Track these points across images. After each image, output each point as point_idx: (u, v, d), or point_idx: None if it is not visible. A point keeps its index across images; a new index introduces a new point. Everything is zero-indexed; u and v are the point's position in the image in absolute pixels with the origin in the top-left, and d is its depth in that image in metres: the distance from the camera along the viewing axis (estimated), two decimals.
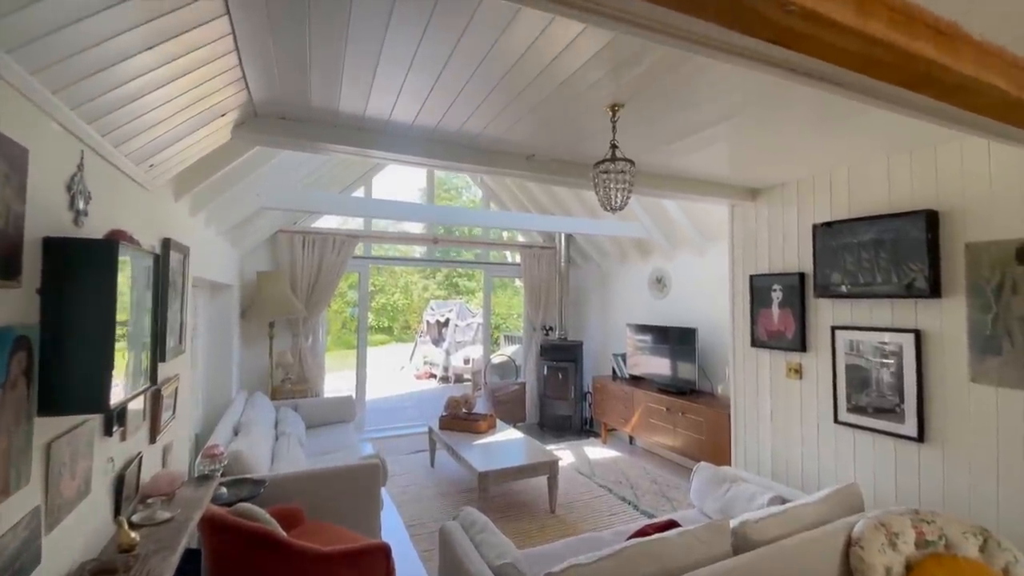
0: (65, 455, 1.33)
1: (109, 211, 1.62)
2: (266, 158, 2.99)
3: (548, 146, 2.55)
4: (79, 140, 1.41)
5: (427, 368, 12.25)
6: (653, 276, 5.76)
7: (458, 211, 7.17)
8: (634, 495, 4.46)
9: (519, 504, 4.24)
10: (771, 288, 3.36)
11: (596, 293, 6.90)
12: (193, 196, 2.83)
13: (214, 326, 4.89)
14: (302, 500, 3.10)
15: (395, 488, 4.63)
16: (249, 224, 4.70)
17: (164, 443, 2.40)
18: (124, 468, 1.81)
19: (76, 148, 1.41)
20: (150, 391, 2.06)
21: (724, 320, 4.78)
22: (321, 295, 5.89)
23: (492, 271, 7.40)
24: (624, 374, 5.83)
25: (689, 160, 2.87)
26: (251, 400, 4.84)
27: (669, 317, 5.46)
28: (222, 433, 3.76)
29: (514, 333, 12.33)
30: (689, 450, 4.64)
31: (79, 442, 1.41)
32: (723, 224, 4.57)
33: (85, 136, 1.42)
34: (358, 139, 2.33)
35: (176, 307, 2.53)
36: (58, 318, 1.23)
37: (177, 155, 1.95)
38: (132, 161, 1.73)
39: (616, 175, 1.85)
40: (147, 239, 1.99)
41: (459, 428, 4.92)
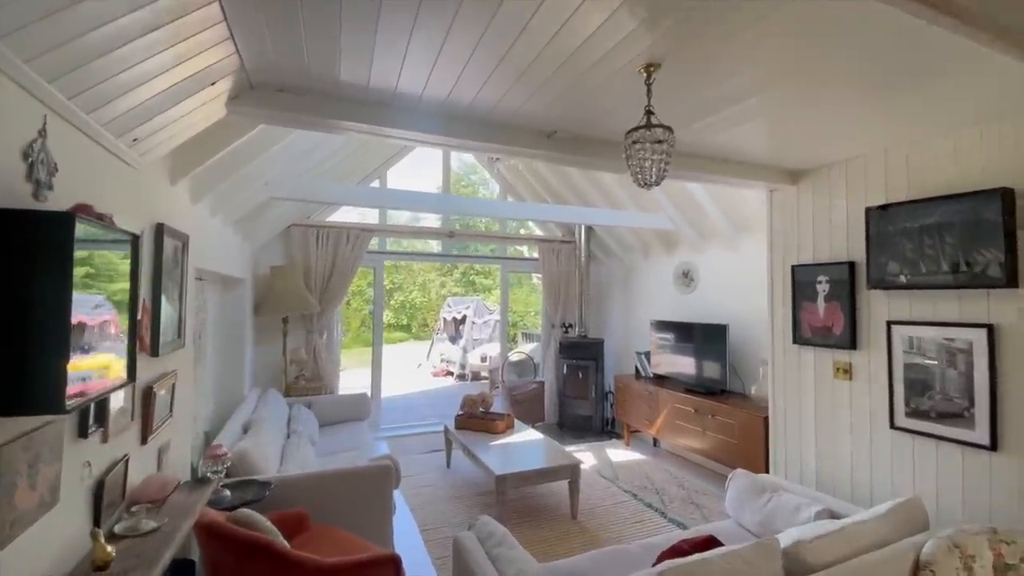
0: (20, 462, 1.16)
1: (81, 187, 1.44)
2: (271, 140, 2.82)
3: (571, 120, 2.31)
4: (39, 101, 1.23)
5: (444, 366, 12.10)
6: (679, 270, 5.47)
7: (475, 202, 6.96)
8: (661, 501, 4.20)
9: (538, 509, 4.02)
10: (816, 280, 3.07)
11: (618, 289, 6.63)
12: (192, 181, 2.67)
13: (226, 321, 4.77)
14: (310, 503, 2.93)
15: (409, 489, 4.46)
16: (259, 216, 4.56)
17: (159, 444, 2.24)
18: (105, 473, 1.65)
19: (36, 111, 1.23)
20: (135, 388, 1.89)
21: (757, 316, 4.49)
22: (335, 290, 5.75)
23: (509, 266, 7.19)
24: (648, 373, 5.56)
25: (724, 138, 2.61)
26: (264, 397, 4.72)
27: (696, 313, 5.17)
28: (231, 431, 3.62)
29: (532, 330, 12.10)
30: (719, 454, 4.36)
31: (40, 446, 1.24)
32: (757, 214, 4.28)
33: (46, 97, 1.24)
34: (364, 114, 2.13)
35: (173, 299, 2.37)
36: (5, 303, 1.05)
37: (165, 129, 1.78)
38: (111, 133, 1.56)
39: (652, 144, 1.61)
40: (134, 222, 1.82)
41: (476, 428, 4.72)
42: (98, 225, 1.27)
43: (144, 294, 2.01)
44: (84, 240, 1.20)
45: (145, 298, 2.02)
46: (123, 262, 1.44)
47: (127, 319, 1.45)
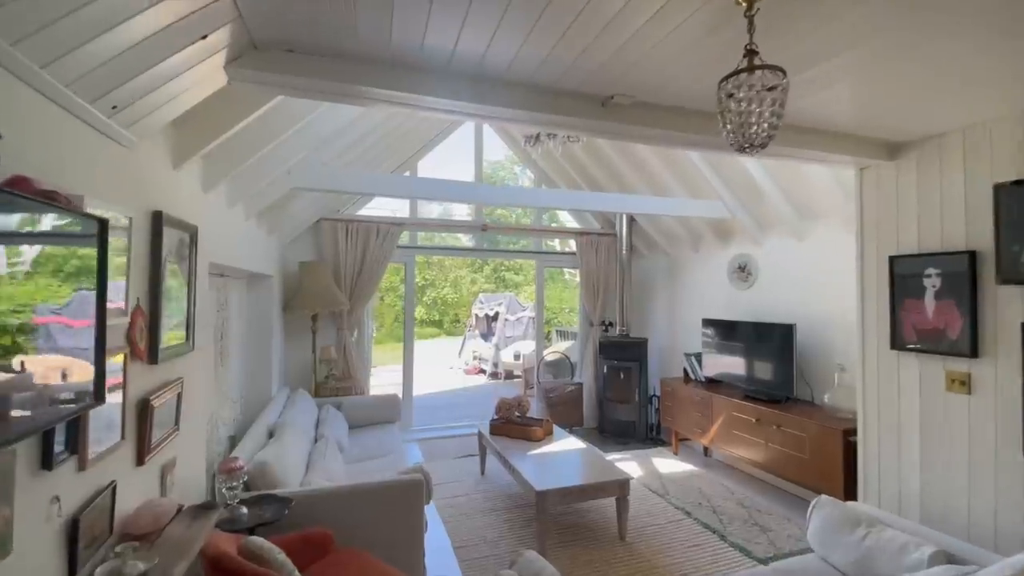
0: None
1: (36, 160, 1.15)
2: (288, 120, 2.53)
3: (634, 81, 1.92)
4: None
5: (476, 363, 11.83)
6: (735, 264, 4.97)
7: (510, 190, 6.61)
8: (719, 521, 3.76)
9: (582, 527, 3.65)
10: (923, 273, 2.58)
11: (663, 285, 6.16)
12: (202, 166, 2.41)
13: (252, 320, 4.59)
14: (334, 520, 2.65)
15: (442, 499, 4.16)
16: (284, 209, 4.34)
17: (162, 463, 1.98)
18: (83, 507, 1.37)
19: None
20: (125, 403, 1.62)
21: (830, 315, 3.98)
22: (365, 287, 5.52)
23: (544, 260, 6.82)
24: (699, 376, 5.09)
25: (809, 103, 2.16)
26: (292, 398, 4.52)
27: (755, 312, 4.67)
28: (255, 437, 3.40)
29: (567, 328, 11.68)
30: (785, 470, 3.88)
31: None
32: (828, 198, 3.77)
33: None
34: (387, 78, 1.80)
35: (178, 298, 2.11)
36: None
37: (151, 96, 1.49)
38: (81, 97, 1.27)
39: (759, 92, 1.22)
40: (120, 208, 1.54)
41: (512, 435, 4.38)
42: (32, 202, 0.98)
43: (138, 293, 1.74)
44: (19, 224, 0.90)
45: (139, 297, 1.75)
46: (89, 252, 1.15)
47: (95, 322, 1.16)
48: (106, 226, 1.21)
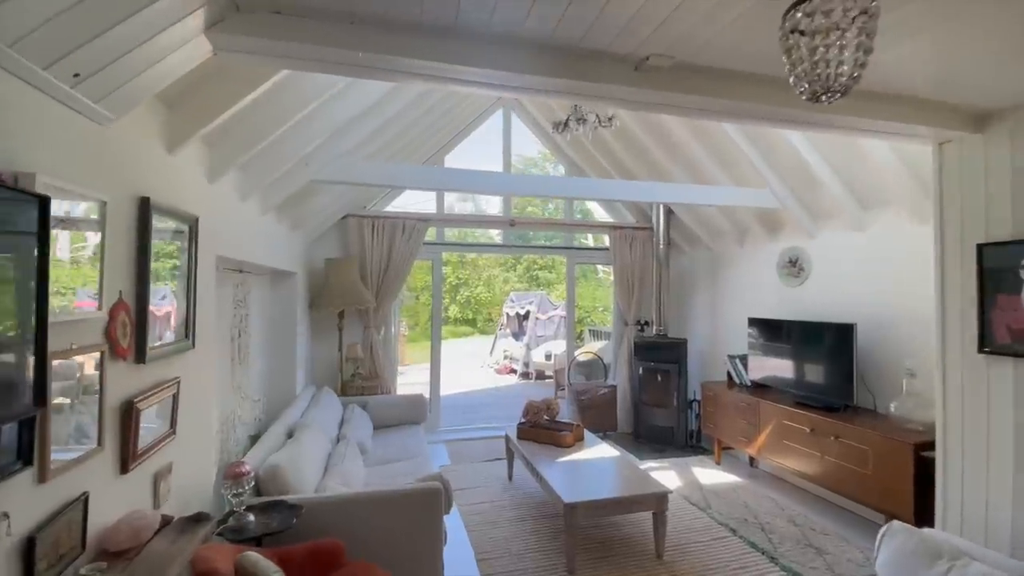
0: None
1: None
2: (298, 101, 2.36)
3: (673, 37, 1.64)
4: None
5: (507, 363, 11.63)
6: (785, 258, 4.55)
7: (538, 179, 6.35)
8: (769, 541, 3.40)
9: (614, 541, 3.38)
10: (1019, 264, 2.18)
11: (704, 282, 5.76)
12: (204, 153, 2.28)
13: (276, 317, 4.52)
14: (347, 530, 2.49)
15: (466, 504, 3.96)
16: (304, 204, 4.23)
17: (154, 470, 1.84)
18: (43, 524, 1.22)
19: None
20: (102, 405, 1.47)
21: (897, 313, 3.55)
22: (391, 284, 5.40)
23: (576, 257, 6.53)
24: (744, 380, 4.70)
25: (879, 60, 1.81)
26: (317, 397, 4.43)
27: (808, 311, 4.25)
28: (273, 437, 3.28)
29: (600, 327, 11.33)
30: (843, 485, 3.49)
31: None
32: (896, 182, 3.34)
33: None
34: (410, 45, 1.58)
35: (171, 291, 1.97)
36: None
37: (121, 63, 1.32)
38: (32, 61, 1.11)
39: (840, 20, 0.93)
40: (87, 191, 1.39)
41: (540, 439, 4.14)
42: None
43: (120, 286, 1.60)
44: None
45: (122, 291, 1.61)
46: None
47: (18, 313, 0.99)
48: (46, 205, 1.04)
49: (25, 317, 0.99)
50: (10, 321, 0.97)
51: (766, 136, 3.80)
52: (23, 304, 0.98)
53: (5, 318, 0.95)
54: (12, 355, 0.97)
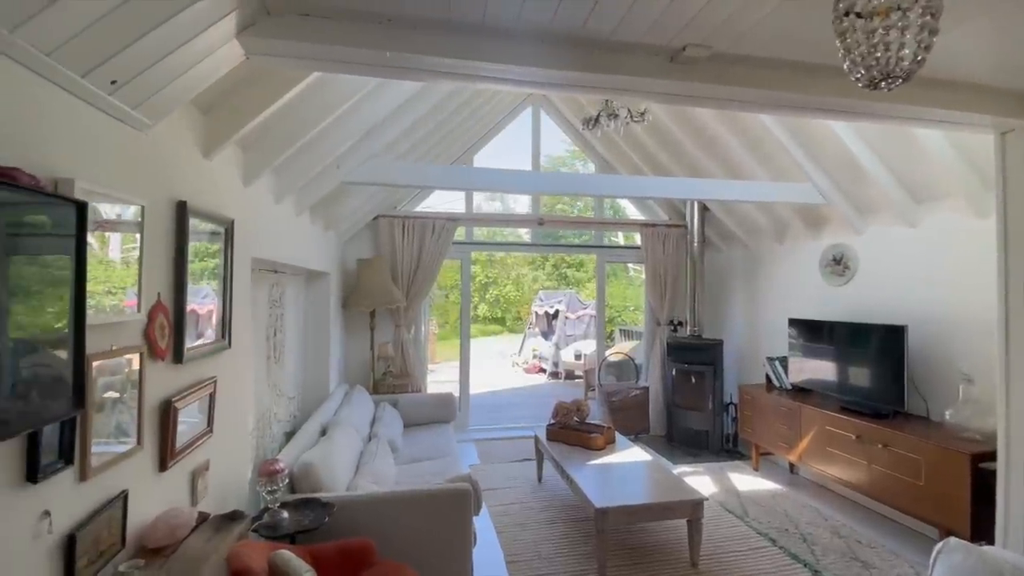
0: None
1: (8, 136, 1.02)
2: (328, 104, 2.38)
3: (715, 24, 1.55)
4: None
5: (536, 362, 11.57)
6: (828, 256, 4.34)
7: (567, 177, 6.28)
8: (810, 552, 3.25)
9: (647, 547, 3.29)
10: None
11: (741, 281, 5.57)
12: (240, 157, 2.32)
13: (310, 316, 4.61)
14: (378, 528, 2.51)
15: (496, 505, 3.94)
16: (337, 204, 4.29)
17: (192, 468, 1.89)
18: (85, 521, 1.26)
19: None
20: (142, 405, 1.50)
21: (954, 315, 3.34)
22: (421, 284, 5.44)
23: (606, 255, 6.43)
24: (784, 384, 4.52)
25: (936, 47, 1.68)
26: (350, 395, 4.50)
27: (854, 311, 4.04)
28: (306, 434, 3.35)
29: (631, 327, 11.14)
30: (892, 496, 3.30)
31: None
32: (952, 175, 3.14)
33: None
34: (439, 44, 1.57)
35: (208, 293, 2.01)
36: None
37: (157, 69, 1.35)
38: (70, 68, 1.14)
39: None
40: (128, 197, 1.42)
41: (570, 441, 4.08)
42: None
43: (159, 288, 1.64)
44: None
45: (160, 293, 1.65)
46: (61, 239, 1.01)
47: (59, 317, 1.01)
48: (85, 209, 1.06)
49: (65, 320, 1.01)
50: (50, 324, 0.99)
51: (807, 128, 3.62)
52: (63, 307, 1.00)
53: (44, 321, 0.98)
54: (52, 357, 1.00)
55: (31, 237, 1.00)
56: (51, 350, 0.99)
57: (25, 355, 0.98)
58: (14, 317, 0.94)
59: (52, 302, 0.99)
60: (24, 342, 0.98)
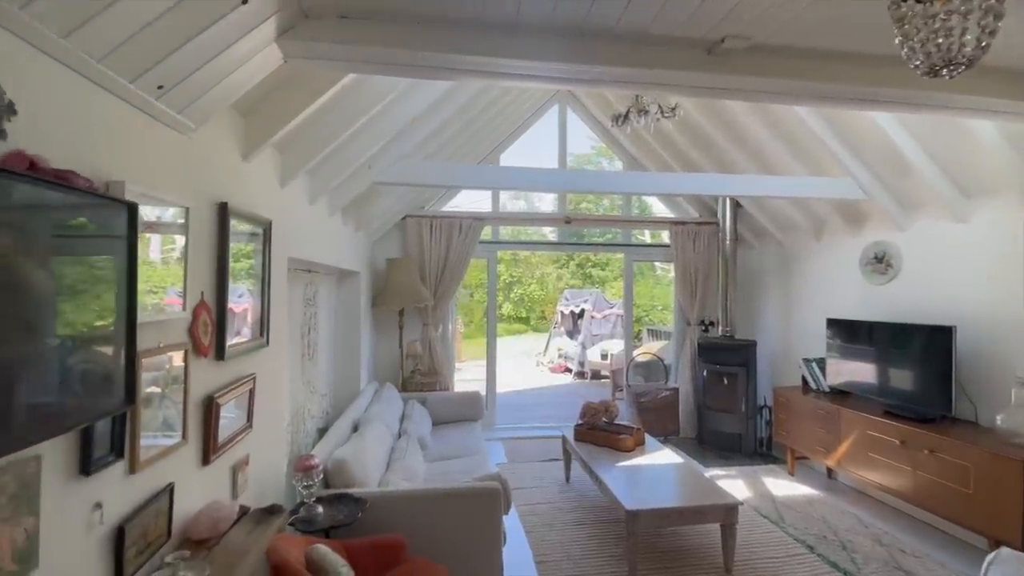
0: None
1: (63, 141, 1.06)
2: (361, 105, 2.41)
3: (756, 15, 1.51)
4: None
5: (561, 361, 11.51)
6: (870, 254, 4.18)
7: (595, 175, 6.21)
8: (851, 561, 3.14)
9: (679, 551, 3.23)
10: None
11: (776, 279, 5.41)
12: (276, 159, 2.37)
13: (342, 315, 4.69)
14: (409, 525, 2.54)
15: (524, 505, 3.94)
16: (368, 205, 4.35)
17: (232, 462, 1.94)
18: (134, 513, 1.30)
19: None
20: (187, 400, 1.55)
21: (1008, 315, 3.20)
22: (448, 283, 5.48)
23: (633, 254, 6.34)
24: (822, 386, 4.38)
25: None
26: (380, 392, 4.57)
27: (897, 311, 3.88)
28: (339, 431, 3.41)
29: (659, 327, 10.98)
30: (937, 504, 3.16)
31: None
32: (1003, 167, 2.99)
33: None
34: (473, 42, 1.57)
35: (252, 292, 2.06)
36: None
37: (201, 74, 1.38)
38: (119, 73, 1.18)
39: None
40: (173, 198, 1.47)
41: (598, 442, 4.04)
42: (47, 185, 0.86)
43: (202, 287, 1.69)
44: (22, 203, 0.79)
45: (204, 292, 1.69)
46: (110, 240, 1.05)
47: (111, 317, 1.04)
48: (135, 211, 1.10)
49: (116, 318, 1.05)
50: (103, 322, 1.03)
51: (846, 119, 3.48)
52: (115, 306, 1.04)
53: (98, 319, 1.01)
54: (105, 355, 1.03)
55: (84, 238, 1.04)
56: (103, 347, 1.03)
57: (79, 352, 1.02)
58: (67, 316, 0.98)
59: (105, 301, 1.03)
60: (77, 339, 1.01)
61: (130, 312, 1.08)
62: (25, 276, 0.88)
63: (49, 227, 0.96)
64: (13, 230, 0.85)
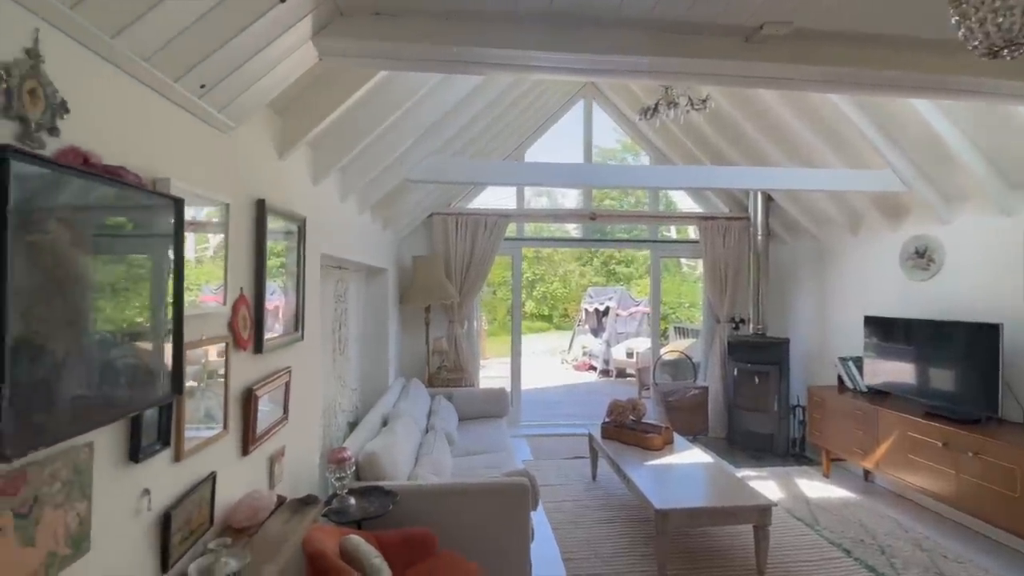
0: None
1: (112, 138, 1.10)
2: (391, 104, 2.43)
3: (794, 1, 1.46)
4: (22, 6, 0.88)
5: (586, 359, 11.44)
6: (911, 248, 4.02)
7: (621, 169, 6.15)
8: (890, 566, 3.04)
9: (709, 552, 3.18)
10: None
11: (810, 275, 5.26)
12: (309, 157, 2.42)
13: (370, 311, 4.76)
14: (438, 518, 2.56)
15: (550, 502, 3.93)
16: (397, 202, 4.39)
17: (269, 453, 1.98)
18: (177, 501, 1.34)
19: (21, 19, 0.88)
20: (228, 393, 1.59)
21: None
22: (474, 280, 5.51)
23: (660, 250, 6.25)
24: (859, 386, 4.24)
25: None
26: (407, 388, 4.62)
27: (939, 308, 3.72)
28: (369, 424, 3.47)
29: (686, 324, 10.80)
30: (982, 508, 3.03)
31: (38, 487, 0.90)
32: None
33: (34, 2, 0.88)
34: (505, 35, 1.56)
35: (287, 288, 2.11)
36: None
37: (240, 73, 1.41)
38: (163, 72, 1.21)
39: None
40: (214, 195, 1.51)
41: (626, 440, 4.00)
42: (99, 180, 0.89)
43: (241, 282, 1.73)
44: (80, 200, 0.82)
45: (243, 287, 1.74)
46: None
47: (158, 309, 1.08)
48: (181, 206, 1.13)
49: (162, 312, 1.08)
50: (151, 315, 1.06)
51: (886, 108, 3.34)
52: (163, 299, 1.08)
53: (146, 312, 1.05)
54: (153, 347, 1.07)
55: (131, 235, 1.08)
56: (151, 339, 1.07)
57: (127, 343, 1.05)
58: (116, 308, 1.01)
59: (154, 294, 1.06)
60: (125, 331, 1.05)
61: (176, 305, 1.12)
62: (78, 269, 0.92)
63: (101, 222, 0.99)
64: (68, 224, 0.88)
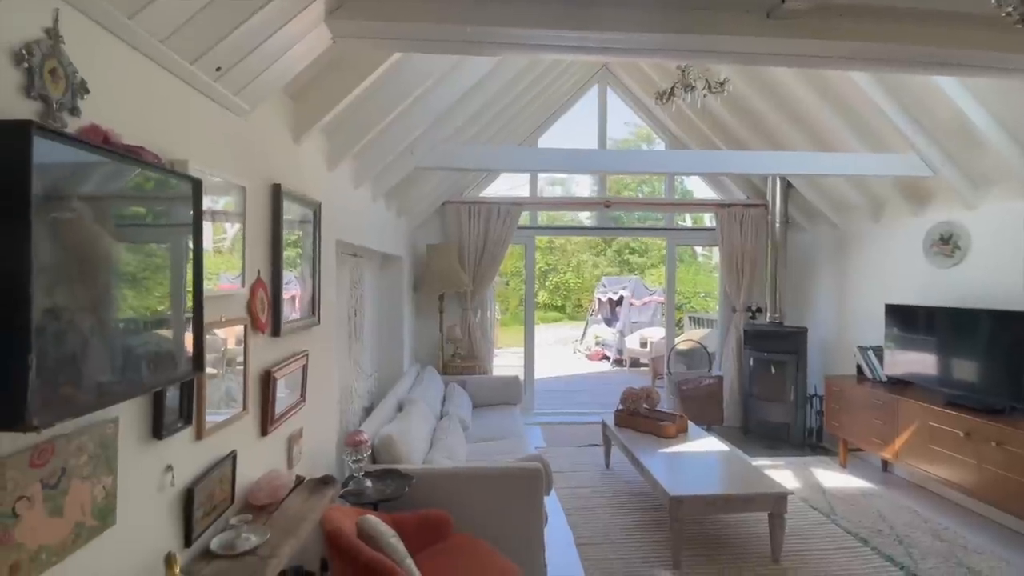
0: (24, 484, 0.84)
1: (130, 118, 1.11)
2: (404, 89, 2.42)
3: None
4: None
5: (599, 349, 11.42)
6: (935, 235, 3.91)
7: (637, 154, 6.06)
8: (908, 556, 3.00)
9: (724, 539, 3.17)
10: None
11: (829, 263, 5.16)
12: (324, 142, 2.42)
13: (385, 298, 4.80)
14: (453, 502, 2.58)
15: (563, 489, 3.94)
16: (410, 190, 4.40)
17: (288, 433, 2.02)
18: (199, 478, 1.38)
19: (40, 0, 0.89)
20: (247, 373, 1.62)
21: None
22: (487, 269, 5.51)
23: (676, 238, 6.18)
24: (878, 375, 4.16)
25: None
26: (421, 374, 4.67)
27: (965, 296, 3.62)
28: (385, 409, 3.51)
29: (700, 314, 10.70)
30: (1004, 499, 2.98)
31: (66, 459, 0.93)
32: None
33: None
34: (520, 14, 1.53)
35: (304, 273, 2.13)
36: None
37: (255, 55, 1.41)
38: (179, 54, 1.22)
39: None
40: (231, 178, 1.52)
41: (639, 428, 4.00)
42: (119, 158, 0.90)
43: (258, 266, 1.75)
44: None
45: (260, 270, 1.76)
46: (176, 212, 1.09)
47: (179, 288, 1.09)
48: (199, 187, 1.14)
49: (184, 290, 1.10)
50: (172, 295, 1.08)
51: (910, 89, 3.24)
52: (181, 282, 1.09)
53: (167, 292, 1.07)
54: (174, 327, 1.09)
55: (153, 214, 1.09)
56: (173, 318, 1.08)
57: (151, 322, 1.07)
58: (138, 288, 1.03)
59: (174, 274, 1.08)
60: (148, 310, 1.07)
61: (196, 284, 1.13)
62: (101, 247, 0.93)
63: (123, 200, 1.00)
64: (90, 202, 0.90)
